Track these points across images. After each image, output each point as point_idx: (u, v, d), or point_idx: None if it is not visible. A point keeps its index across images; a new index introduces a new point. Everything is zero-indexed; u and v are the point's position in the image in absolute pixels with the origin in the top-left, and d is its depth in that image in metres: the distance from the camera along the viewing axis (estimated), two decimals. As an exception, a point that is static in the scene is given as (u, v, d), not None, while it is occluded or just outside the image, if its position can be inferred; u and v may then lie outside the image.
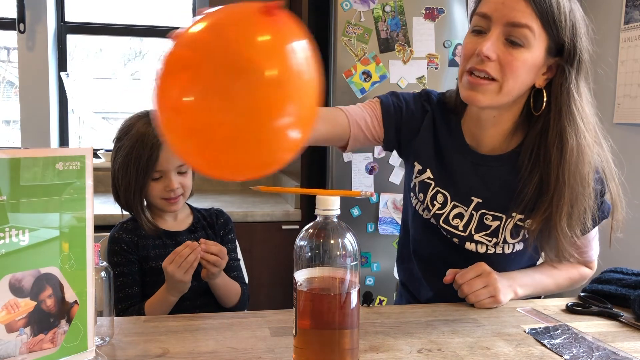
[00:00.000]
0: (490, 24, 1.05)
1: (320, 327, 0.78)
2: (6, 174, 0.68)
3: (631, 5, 2.24)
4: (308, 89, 0.68)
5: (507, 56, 1.03)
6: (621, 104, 2.29)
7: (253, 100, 0.63)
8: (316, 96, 0.70)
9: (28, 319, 0.71)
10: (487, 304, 1.11)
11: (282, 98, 0.66)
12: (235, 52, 0.64)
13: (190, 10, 3.08)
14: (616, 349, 0.92)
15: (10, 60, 3.23)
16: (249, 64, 0.63)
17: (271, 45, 0.66)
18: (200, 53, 0.66)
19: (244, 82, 0.63)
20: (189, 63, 0.65)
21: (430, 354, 0.89)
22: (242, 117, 0.64)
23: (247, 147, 0.67)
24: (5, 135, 3.26)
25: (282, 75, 0.65)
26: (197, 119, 0.66)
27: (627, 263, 1.40)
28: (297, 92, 0.67)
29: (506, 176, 1.15)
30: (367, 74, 2.32)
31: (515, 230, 1.16)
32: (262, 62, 0.64)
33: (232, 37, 0.65)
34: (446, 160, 1.22)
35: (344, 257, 0.77)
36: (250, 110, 0.64)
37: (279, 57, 0.66)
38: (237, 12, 0.68)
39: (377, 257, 2.38)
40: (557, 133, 1.07)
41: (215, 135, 0.66)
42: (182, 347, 0.90)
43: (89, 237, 0.77)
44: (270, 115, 0.66)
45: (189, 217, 1.47)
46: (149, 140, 1.32)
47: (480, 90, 1.06)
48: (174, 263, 1.22)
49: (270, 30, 0.66)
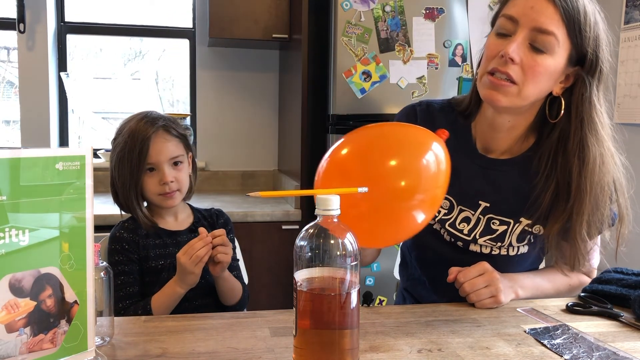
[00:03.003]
0: (517, 27, 1.05)
1: (320, 327, 0.78)
2: (6, 174, 0.68)
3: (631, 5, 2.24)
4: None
5: (530, 61, 1.04)
6: (621, 104, 2.29)
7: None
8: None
9: (28, 319, 0.71)
10: (488, 304, 1.11)
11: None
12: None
13: (191, 11, 3.09)
14: (616, 349, 0.92)
15: (10, 60, 3.23)
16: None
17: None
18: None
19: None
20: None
21: (430, 354, 0.89)
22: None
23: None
24: (5, 135, 3.26)
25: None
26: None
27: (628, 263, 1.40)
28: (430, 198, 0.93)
29: (516, 180, 1.16)
30: (367, 74, 2.32)
31: (522, 235, 1.16)
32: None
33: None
34: (453, 165, 1.21)
35: (344, 257, 0.77)
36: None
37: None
38: None
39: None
40: (578, 142, 1.07)
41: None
42: (182, 347, 0.90)
43: (89, 237, 0.77)
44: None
45: (190, 217, 1.47)
46: (139, 134, 1.34)
47: (502, 91, 1.06)
48: (187, 254, 1.24)
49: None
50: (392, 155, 0.91)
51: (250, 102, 3.09)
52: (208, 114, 3.08)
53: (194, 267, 1.24)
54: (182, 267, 1.25)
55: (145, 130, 1.34)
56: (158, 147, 1.35)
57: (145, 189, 1.37)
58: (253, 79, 3.10)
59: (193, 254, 1.23)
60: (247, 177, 3.13)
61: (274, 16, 2.70)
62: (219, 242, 1.27)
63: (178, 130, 1.41)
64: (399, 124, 1.09)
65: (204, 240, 1.25)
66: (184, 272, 1.25)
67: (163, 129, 1.37)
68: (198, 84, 3.06)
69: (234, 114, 3.10)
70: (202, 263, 1.25)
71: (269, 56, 3.09)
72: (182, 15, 3.14)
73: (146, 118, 1.38)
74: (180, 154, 1.39)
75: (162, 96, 3.48)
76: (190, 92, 3.12)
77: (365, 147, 0.94)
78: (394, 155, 0.91)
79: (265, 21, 2.69)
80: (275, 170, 3.13)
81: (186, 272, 1.24)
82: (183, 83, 3.20)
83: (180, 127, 1.43)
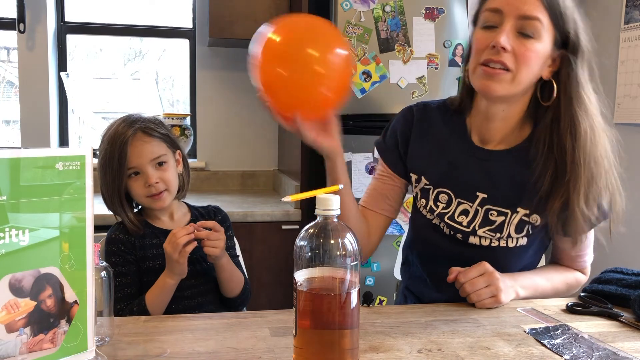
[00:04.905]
0: (503, 18, 1.11)
1: (320, 327, 0.78)
2: (6, 174, 0.68)
3: (631, 5, 2.24)
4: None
5: (521, 47, 1.09)
6: (621, 104, 2.29)
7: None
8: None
9: (28, 319, 0.71)
10: (489, 304, 1.11)
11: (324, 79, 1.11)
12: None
13: (191, 11, 3.08)
14: (616, 349, 0.92)
15: (10, 60, 3.24)
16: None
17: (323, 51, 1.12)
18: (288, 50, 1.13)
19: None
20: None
21: (430, 354, 0.89)
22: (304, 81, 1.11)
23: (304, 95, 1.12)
24: (5, 135, 3.26)
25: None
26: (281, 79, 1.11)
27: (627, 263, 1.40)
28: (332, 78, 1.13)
29: (514, 170, 1.18)
30: (367, 74, 2.33)
31: (520, 225, 1.17)
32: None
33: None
34: (448, 159, 1.24)
35: (344, 257, 0.78)
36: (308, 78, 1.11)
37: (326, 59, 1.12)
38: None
39: (377, 257, 2.38)
40: (569, 119, 1.12)
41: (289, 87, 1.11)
42: (182, 347, 0.90)
43: (89, 237, 0.77)
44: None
45: (186, 215, 1.47)
46: (117, 139, 1.32)
47: (496, 79, 1.11)
48: (170, 243, 1.25)
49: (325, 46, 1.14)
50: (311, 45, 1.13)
51: (250, 102, 3.09)
52: (208, 114, 3.08)
53: (177, 255, 1.24)
54: (168, 256, 1.26)
55: (122, 134, 1.32)
56: (137, 150, 1.33)
57: (133, 193, 1.36)
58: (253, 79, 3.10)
59: (174, 241, 1.24)
60: (247, 177, 3.13)
61: (274, 16, 2.66)
62: (203, 235, 1.27)
63: (158, 130, 1.38)
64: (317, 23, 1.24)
65: (185, 229, 1.26)
66: (170, 261, 1.27)
67: (141, 130, 1.34)
68: (198, 84, 3.06)
69: (234, 114, 3.10)
70: (185, 252, 1.25)
71: (269, 56, 3.09)
72: (182, 15, 3.14)
73: (125, 122, 1.36)
74: (162, 153, 1.37)
75: (162, 96, 3.48)
76: (190, 92, 3.12)
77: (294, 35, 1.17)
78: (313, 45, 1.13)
79: (265, 21, 2.66)
80: (275, 170, 3.13)
81: (171, 260, 1.26)
82: (183, 83, 3.20)
83: (162, 127, 1.40)
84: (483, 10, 1.15)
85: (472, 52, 1.16)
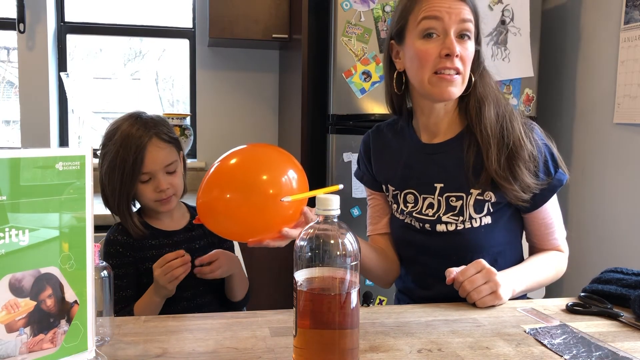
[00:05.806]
0: (444, 24, 1.17)
1: (320, 327, 0.78)
2: (6, 174, 0.68)
3: (631, 5, 2.24)
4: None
5: (464, 50, 1.19)
6: (621, 104, 2.29)
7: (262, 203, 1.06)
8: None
9: (28, 319, 0.71)
10: (489, 301, 1.11)
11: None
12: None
13: (191, 11, 3.09)
14: (616, 349, 0.92)
15: (10, 60, 3.24)
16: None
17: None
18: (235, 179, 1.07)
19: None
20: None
21: (430, 354, 0.89)
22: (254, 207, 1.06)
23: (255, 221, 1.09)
24: (5, 135, 3.26)
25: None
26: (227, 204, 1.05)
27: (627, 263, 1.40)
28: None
29: (458, 156, 1.26)
30: (367, 74, 2.33)
31: (477, 205, 1.23)
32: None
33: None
34: (403, 163, 1.33)
35: (344, 257, 0.78)
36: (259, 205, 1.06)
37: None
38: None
39: (377, 257, 2.38)
40: (481, 93, 1.24)
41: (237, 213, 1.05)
42: (182, 347, 0.90)
43: (89, 237, 0.77)
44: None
45: (185, 215, 1.46)
46: (132, 142, 1.30)
47: (453, 84, 1.19)
48: (162, 270, 1.25)
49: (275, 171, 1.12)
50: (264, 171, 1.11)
51: (250, 102, 3.09)
52: (208, 114, 3.08)
53: (167, 283, 1.24)
54: (156, 280, 1.25)
55: (138, 138, 1.30)
56: (153, 157, 1.31)
57: (141, 196, 1.35)
58: (253, 79, 3.10)
59: (168, 272, 1.24)
60: (247, 177, 3.13)
61: (274, 16, 2.70)
62: (197, 272, 1.30)
63: (170, 135, 1.37)
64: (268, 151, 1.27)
65: (182, 259, 1.25)
66: (157, 285, 1.26)
67: (156, 136, 1.33)
68: (198, 84, 3.06)
69: (234, 114, 3.10)
70: (176, 281, 1.25)
71: (269, 56, 3.09)
72: (182, 15, 3.14)
73: (138, 123, 1.33)
74: (174, 159, 1.36)
75: (162, 96, 3.48)
76: (190, 92, 3.12)
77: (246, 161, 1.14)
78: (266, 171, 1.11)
79: (265, 21, 2.69)
80: (275, 170, 3.13)
81: (159, 286, 1.25)
82: (183, 83, 3.20)
83: (171, 130, 1.39)
84: (419, 20, 1.19)
85: (414, 63, 1.21)
